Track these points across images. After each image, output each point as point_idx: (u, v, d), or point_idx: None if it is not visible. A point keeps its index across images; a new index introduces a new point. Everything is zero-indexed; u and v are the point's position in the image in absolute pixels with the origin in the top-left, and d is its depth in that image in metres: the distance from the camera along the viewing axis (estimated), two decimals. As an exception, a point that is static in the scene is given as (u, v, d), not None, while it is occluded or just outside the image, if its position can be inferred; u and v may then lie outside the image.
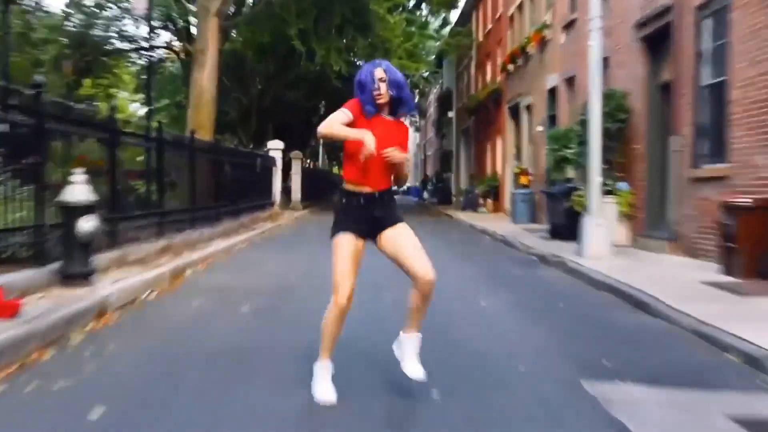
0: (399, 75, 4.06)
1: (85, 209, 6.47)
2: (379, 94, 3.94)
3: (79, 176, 6.56)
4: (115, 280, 7.14)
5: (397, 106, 4.09)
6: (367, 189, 4.01)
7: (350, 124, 3.90)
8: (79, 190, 6.51)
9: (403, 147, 4.09)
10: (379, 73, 3.95)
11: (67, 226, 6.50)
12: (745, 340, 5.34)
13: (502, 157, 27.16)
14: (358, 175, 4.00)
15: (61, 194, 6.62)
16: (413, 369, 4.03)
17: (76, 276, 6.54)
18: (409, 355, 4.07)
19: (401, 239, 4.04)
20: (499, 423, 3.76)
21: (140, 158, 10.99)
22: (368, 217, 4.02)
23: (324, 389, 3.92)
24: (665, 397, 4.26)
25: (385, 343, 4.35)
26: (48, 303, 5.74)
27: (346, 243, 3.98)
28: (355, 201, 4.02)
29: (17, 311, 5.14)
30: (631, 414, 3.86)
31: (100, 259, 7.83)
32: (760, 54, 8.86)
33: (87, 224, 6.43)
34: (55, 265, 6.64)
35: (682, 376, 4.74)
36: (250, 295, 7.49)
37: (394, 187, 4.26)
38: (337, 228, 4.02)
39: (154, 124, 12.40)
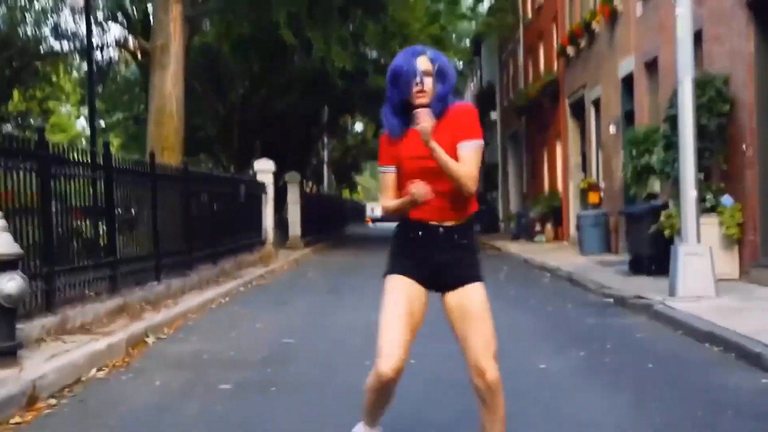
0: (448, 64, 3.79)
1: (6, 265, 6.37)
2: (422, 92, 3.63)
3: (-3, 220, 6.49)
4: (51, 356, 7.00)
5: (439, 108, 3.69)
6: (426, 221, 3.71)
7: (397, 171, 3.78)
8: (-3, 239, 6.43)
9: (462, 133, 3.70)
10: (423, 62, 3.65)
11: (-17, 288, 6.40)
12: None
13: (563, 169, 27.04)
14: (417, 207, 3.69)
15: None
16: None
17: (-2, 353, 6.43)
18: None
19: (469, 310, 3.70)
20: None
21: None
22: (428, 260, 3.72)
23: None
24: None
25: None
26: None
27: (398, 289, 3.71)
28: (413, 234, 3.75)
29: None
30: None
31: (31, 327, 7.74)
32: None
33: (10, 285, 6.32)
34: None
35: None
36: (232, 369, 7.34)
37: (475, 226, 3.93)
38: (388, 268, 3.80)
39: (112, 146, 12.34)
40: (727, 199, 12.86)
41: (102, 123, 39.65)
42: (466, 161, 3.63)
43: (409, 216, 3.70)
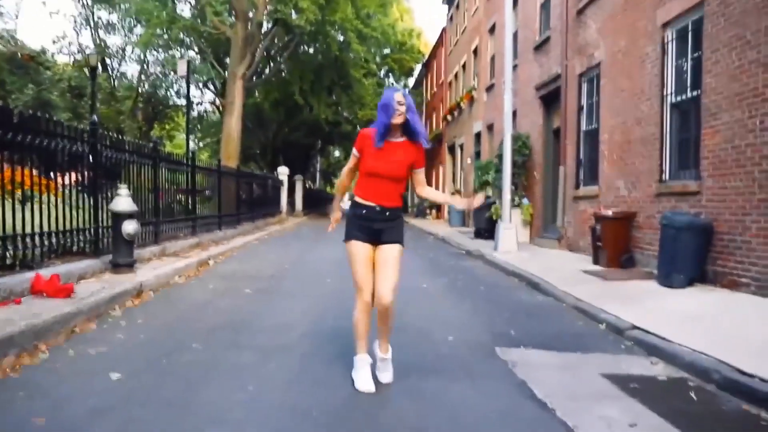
0: (412, 102, 3.34)
1: (128, 216, 6.00)
2: (400, 114, 3.22)
3: (123, 190, 6.10)
4: (154, 268, 6.67)
5: (408, 130, 3.33)
6: (371, 203, 3.33)
7: (360, 158, 3.34)
8: (123, 201, 6.03)
9: (418, 163, 3.42)
10: (398, 97, 3.25)
11: (116, 228, 6.03)
12: (611, 314, 5.13)
13: (443, 181, 26.94)
14: (367, 192, 3.33)
15: (111, 204, 6.16)
16: (382, 376, 3.41)
17: (122, 265, 6.06)
18: (379, 367, 3.43)
19: (385, 259, 3.30)
20: (434, 383, 3.41)
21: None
22: (369, 228, 3.32)
23: (364, 379, 3.28)
24: (555, 359, 4.00)
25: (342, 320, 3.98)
26: (97, 286, 5.28)
27: (357, 250, 3.32)
28: (364, 211, 3.33)
29: (71, 293, 4.69)
30: (530, 374, 3.61)
31: (145, 252, 7.40)
32: (619, 109, 8.67)
33: (129, 227, 5.96)
34: (109, 256, 6.18)
35: (567, 341, 4.48)
36: (253, 279, 7.04)
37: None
38: (348, 236, 3.37)
39: (203, 156, 11.88)
40: (525, 200, 12.84)
41: (201, 144, 38.91)
42: (423, 182, 3.59)
43: (362, 200, 3.32)
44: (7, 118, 4.87)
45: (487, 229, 13.32)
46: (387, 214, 3.34)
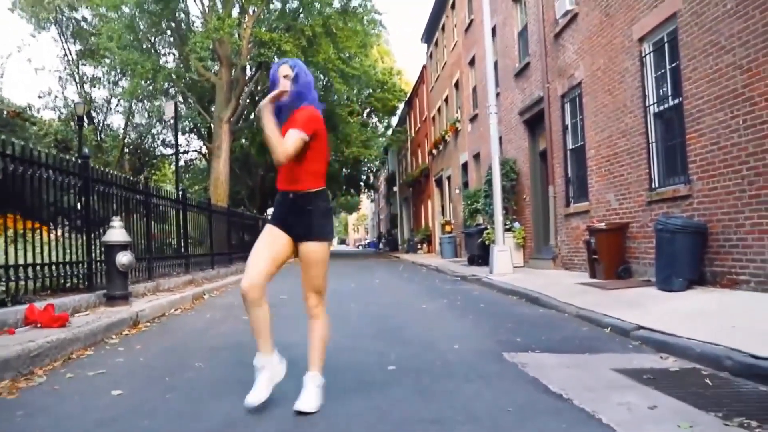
0: (304, 72, 2.82)
1: (122, 247, 5.92)
2: (284, 91, 2.75)
3: (116, 222, 6.04)
4: (148, 301, 6.53)
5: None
6: (283, 188, 2.85)
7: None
8: (117, 232, 5.97)
9: (292, 124, 2.73)
10: (284, 69, 2.81)
11: (109, 260, 5.93)
12: (614, 317, 5.08)
13: (432, 214, 27.02)
14: (279, 175, 2.87)
15: (104, 236, 6.08)
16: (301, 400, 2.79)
17: (117, 298, 5.95)
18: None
19: (305, 261, 2.86)
20: (445, 384, 3.32)
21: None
22: (284, 218, 2.83)
23: (254, 388, 2.86)
24: (564, 359, 3.92)
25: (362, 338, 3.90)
26: (93, 317, 5.16)
27: (265, 233, 2.87)
28: (278, 197, 2.89)
29: (66, 322, 4.57)
30: (541, 372, 3.53)
31: (139, 287, 7.27)
32: (603, 125, 8.82)
33: (124, 258, 5.88)
34: (102, 290, 6.06)
35: (574, 345, 4.42)
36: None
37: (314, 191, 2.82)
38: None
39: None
40: (516, 224, 12.88)
41: (189, 191, 39.02)
42: (286, 140, 2.67)
43: (280, 188, 2.85)
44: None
45: (480, 255, 13.31)
46: (299, 203, 2.80)
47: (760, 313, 4.77)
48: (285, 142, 2.68)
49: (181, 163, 31.29)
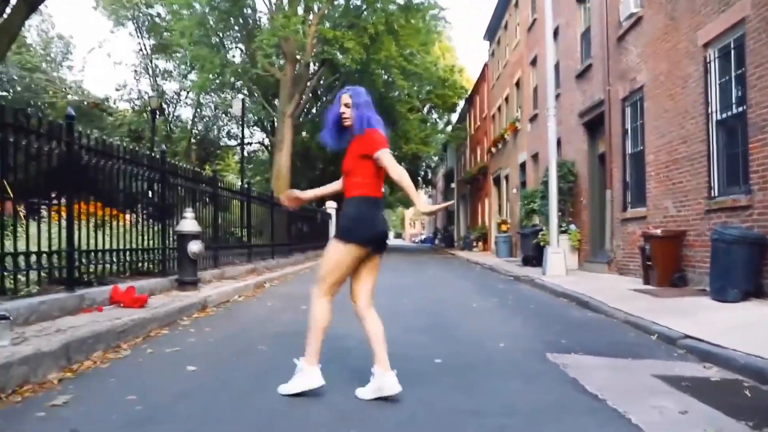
0: (361, 99, 3.12)
1: (193, 236, 6.42)
2: (346, 117, 3.13)
3: (189, 213, 6.55)
4: (215, 287, 7.05)
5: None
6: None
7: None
8: (189, 223, 6.47)
9: (368, 149, 3.04)
10: (344, 99, 3.13)
11: (181, 248, 6.45)
12: (662, 325, 5.12)
13: (489, 212, 26.93)
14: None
15: (177, 226, 6.60)
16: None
17: (187, 283, 6.46)
18: None
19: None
20: (487, 380, 3.54)
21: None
22: None
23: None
24: (606, 362, 4.06)
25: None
26: (167, 299, 5.66)
27: None
28: None
29: (145, 303, 5.07)
30: (581, 374, 3.69)
31: (206, 274, 7.80)
32: (664, 130, 8.71)
33: (195, 246, 6.38)
34: (174, 276, 6.58)
35: (618, 350, 4.52)
36: (308, 299, 7.28)
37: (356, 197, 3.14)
38: None
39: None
40: (572, 226, 12.81)
41: (251, 182, 40.20)
42: (393, 165, 3.02)
43: None
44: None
45: (534, 256, 13.30)
46: (343, 207, 3.22)
47: (813, 329, 4.73)
48: (395, 168, 3.00)
49: (245, 153, 32.42)
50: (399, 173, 2.99)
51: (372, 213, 3.14)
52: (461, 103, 34.25)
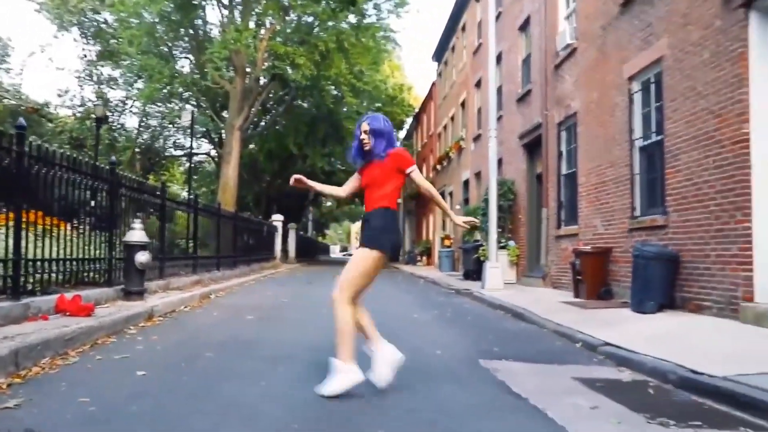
0: (379, 125, 3.48)
1: (141, 247, 6.47)
2: (366, 142, 3.49)
3: (137, 224, 6.60)
4: (161, 297, 7.09)
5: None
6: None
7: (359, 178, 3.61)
8: (137, 233, 6.52)
9: (402, 164, 3.47)
10: (363, 126, 3.49)
11: (128, 258, 6.48)
12: (586, 334, 5.54)
13: (433, 228, 27.52)
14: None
15: (125, 236, 6.63)
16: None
17: (133, 293, 6.49)
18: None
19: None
20: (424, 383, 3.81)
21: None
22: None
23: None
24: (533, 368, 4.39)
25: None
26: (113, 309, 5.70)
27: None
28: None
29: (92, 312, 5.10)
30: (510, 377, 3.99)
31: (151, 285, 7.79)
32: (594, 154, 9.34)
33: (143, 257, 6.43)
34: (120, 286, 6.59)
35: (545, 356, 4.87)
36: (254, 309, 7.45)
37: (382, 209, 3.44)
38: None
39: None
40: (511, 242, 13.37)
41: (197, 193, 39.63)
42: (422, 182, 3.63)
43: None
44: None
45: (475, 270, 13.76)
46: (366, 218, 3.47)
47: (714, 337, 5.26)
48: (425, 183, 3.59)
49: (192, 165, 31.94)
50: (428, 188, 3.65)
51: (395, 223, 3.53)
52: (409, 121, 34.92)
